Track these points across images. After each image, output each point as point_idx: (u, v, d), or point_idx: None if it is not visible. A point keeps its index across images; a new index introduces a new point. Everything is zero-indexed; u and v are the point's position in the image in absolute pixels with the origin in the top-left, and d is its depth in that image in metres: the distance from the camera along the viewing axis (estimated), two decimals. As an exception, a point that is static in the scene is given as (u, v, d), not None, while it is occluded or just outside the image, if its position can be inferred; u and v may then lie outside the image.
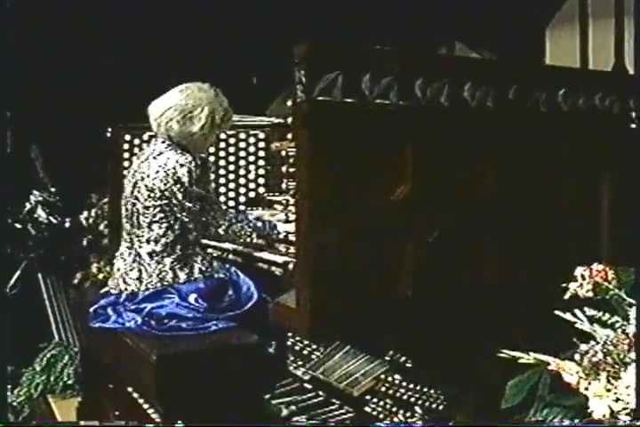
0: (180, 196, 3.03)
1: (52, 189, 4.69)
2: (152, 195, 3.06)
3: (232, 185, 4.07)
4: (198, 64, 5.00)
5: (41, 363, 4.24)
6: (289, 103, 2.53)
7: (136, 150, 4.12)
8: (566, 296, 2.21)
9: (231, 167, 4.03)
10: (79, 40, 4.83)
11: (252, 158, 4.04)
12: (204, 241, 3.59)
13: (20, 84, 4.34)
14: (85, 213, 4.73)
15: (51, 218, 4.62)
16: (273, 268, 3.22)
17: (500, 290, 2.62)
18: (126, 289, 3.14)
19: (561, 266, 2.43)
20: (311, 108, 2.31)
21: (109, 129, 4.17)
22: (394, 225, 2.47)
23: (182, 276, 3.10)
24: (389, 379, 3.37)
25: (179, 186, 3.02)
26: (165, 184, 3.03)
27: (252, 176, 4.05)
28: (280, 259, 3.16)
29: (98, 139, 4.50)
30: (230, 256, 3.56)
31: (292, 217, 2.61)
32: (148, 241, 3.12)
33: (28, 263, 4.61)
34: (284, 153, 2.61)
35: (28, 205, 4.64)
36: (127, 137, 4.13)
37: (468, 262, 2.60)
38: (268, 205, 3.93)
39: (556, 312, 2.29)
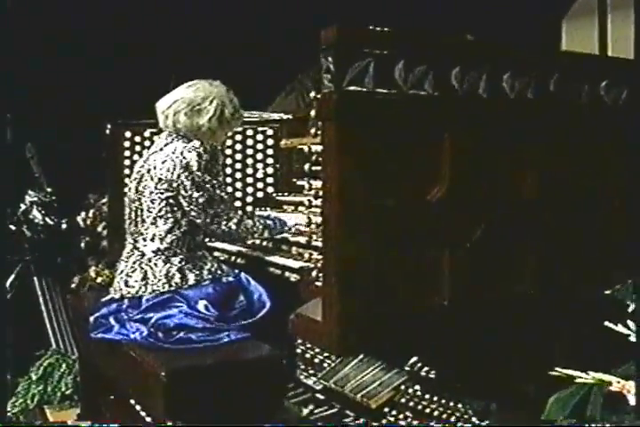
0: (188, 184, 2.77)
1: (48, 189, 4.39)
2: (158, 186, 2.82)
3: (239, 184, 3.78)
4: (197, 60, 4.76)
5: (37, 372, 3.93)
6: (311, 96, 2.27)
7: (137, 148, 3.84)
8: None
9: (238, 166, 3.74)
10: (76, 36, 4.54)
11: (259, 156, 3.76)
12: (210, 244, 3.33)
13: (16, 81, 4.08)
14: (83, 214, 4.44)
15: (47, 219, 4.33)
16: (287, 273, 2.96)
17: (542, 299, 2.35)
18: (129, 293, 2.86)
19: (606, 272, 2.17)
20: (341, 100, 2.04)
21: (108, 126, 3.89)
22: (429, 228, 2.20)
23: (191, 278, 2.82)
24: (409, 390, 3.11)
25: (187, 173, 2.77)
26: (173, 172, 2.79)
27: (259, 175, 3.77)
28: (296, 264, 2.89)
29: (96, 136, 4.24)
30: (239, 260, 3.30)
31: (317, 220, 2.32)
32: (152, 239, 2.86)
33: (22, 266, 4.31)
34: (306, 149, 2.33)
35: (22, 206, 4.34)
36: (127, 134, 3.85)
37: (507, 269, 2.33)
38: (278, 206, 3.66)
39: (607, 324, 2.04)
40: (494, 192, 2.28)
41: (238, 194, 3.77)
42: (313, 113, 2.27)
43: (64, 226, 4.32)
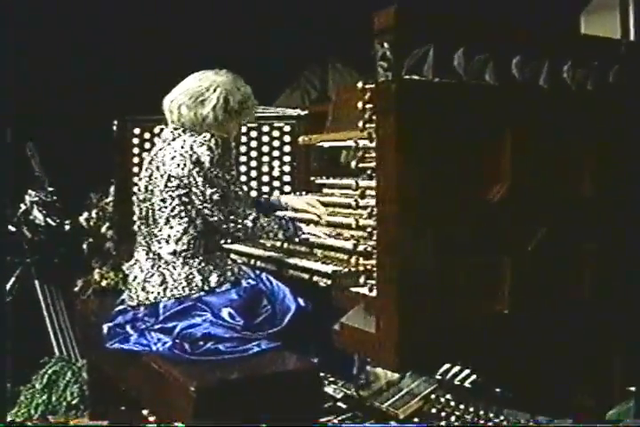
0: (200, 180, 2.56)
1: (50, 189, 4.12)
2: (169, 184, 2.60)
3: (254, 183, 3.55)
4: (201, 54, 4.53)
5: (41, 380, 3.67)
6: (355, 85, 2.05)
7: (147, 145, 3.60)
8: None
9: (253, 163, 3.50)
10: (78, 30, 4.27)
11: (276, 153, 3.52)
12: (228, 246, 3.09)
13: (16, 78, 3.83)
14: (85, 214, 4.17)
15: (48, 220, 4.06)
16: (315, 278, 2.74)
17: (605, 306, 2.15)
18: (147, 299, 2.62)
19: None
20: (401, 90, 1.82)
21: (115, 122, 3.64)
22: (489, 231, 1.98)
23: (213, 280, 2.60)
24: (441, 400, 2.90)
25: (198, 168, 2.56)
26: (183, 168, 2.57)
27: (276, 173, 3.53)
28: (327, 268, 2.66)
29: (100, 133, 3.99)
30: (259, 263, 3.07)
31: (367, 222, 2.10)
32: (167, 240, 2.63)
33: (23, 269, 4.04)
34: (352, 143, 2.10)
35: (22, 206, 4.07)
36: (136, 131, 3.60)
37: (568, 274, 2.12)
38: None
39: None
40: (555, 191, 2.07)
41: (253, 193, 3.53)
42: (360, 105, 2.03)
43: (67, 227, 4.04)
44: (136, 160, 3.60)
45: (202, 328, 2.46)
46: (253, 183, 3.55)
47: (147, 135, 3.59)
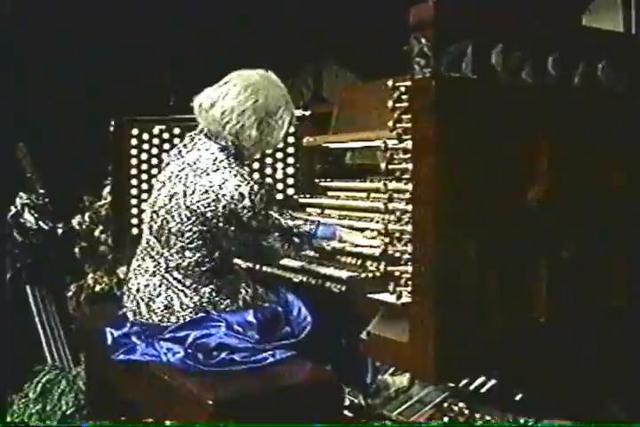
0: (232, 227, 2.36)
1: (41, 191, 3.96)
2: (193, 217, 2.35)
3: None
4: (197, 54, 4.41)
5: (35, 389, 3.51)
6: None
7: (145, 146, 3.46)
8: None
9: (255, 165, 3.37)
10: (73, 27, 4.11)
11: (279, 155, 3.40)
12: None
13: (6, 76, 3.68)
14: (78, 218, 4.02)
15: (40, 223, 3.90)
16: (328, 283, 2.62)
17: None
18: (150, 319, 2.47)
19: None
20: (440, 87, 1.71)
21: (112, 122, 3.49)
22: (527, 235, 1.88)
23: (223, 307, 2.45)
24: (454, 408, 2.79)
25: (233, 217, 2.33)
26: (215, 212, 2.33)
27: (279, 175, 3.40)
28: (342, 274, 2.55)
29: (94, 134, 3.85)
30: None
31: (395, 227, 1.98)
32: (177, 268, 2.43)
33: (14, 274, 3.88)
34: (380, 144, 1.99)
35: (13, 209, 3.90)
36: (134, 131, 3.45)
37: (605, 280, 2.02)
38: (300, 209, 3.30)
39: None
40: (593, 193, 1.97)
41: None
42: (390, 104, 1.92)
43: (60, 231, 3.89)
44: (134, 162, 3.45)
45: (216, 338, 2.33)
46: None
47: (145, 136, 3.44)
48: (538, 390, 2.12)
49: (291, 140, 3.37)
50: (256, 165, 3.38)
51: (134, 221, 3.48)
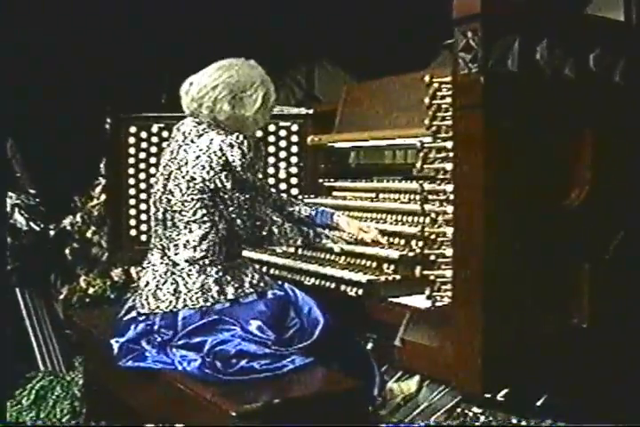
0: (229, 185, 2.32)
1: (32, 191, 3.80)
2: (192, 185, 2.33)
3: (259, 185, 3.30)
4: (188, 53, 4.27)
5: (28, 396, 3.35)
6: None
7: (143, 145, 3.32)
8: None
9: (258, 165, 3.25)
10: (60, 24, 3.95)
11: (282, 154, 3.28)
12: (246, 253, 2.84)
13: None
14: (70, 218, 3.87)
15: (31, 224, 3.74)
16: (343, 286, 2.53)
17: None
18: (158, 308, 2.35)
19: None
20: (489, 83, 1.61)
21: (108, 120, 3.35)
22: (568, 237, 1.79)
23: (230, 291, 2.35)
24: (468, 413, 2.69)
25: (227, 172, 2.31)
26: (210, 171, 2.31)
27: (282, 175, 3.29)
28: (360, 277, 2.45)
29: (86, 132, 3.71)
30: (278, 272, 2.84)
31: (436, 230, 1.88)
32: (185, 246, 2.36)
33: (3, 276, 3.71)
34: (418, 142, 1.88)
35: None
36: (132, 129, 3.32)
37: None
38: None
39: None
40: (632, 194, 1.89)
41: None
42: (427, 100, 1.82)
43: (52, 232, 3.73)
44: (132, 161, 3.31)
45: (234, 344, 2.20)
46: (258, 185, 3.29)
47: (143, 134, 3.31)
48: (572, 396, 2.03)
49: (294, 138, 3.26)
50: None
51: (132, 222, 3.35)
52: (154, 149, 3.31)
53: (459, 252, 1.69)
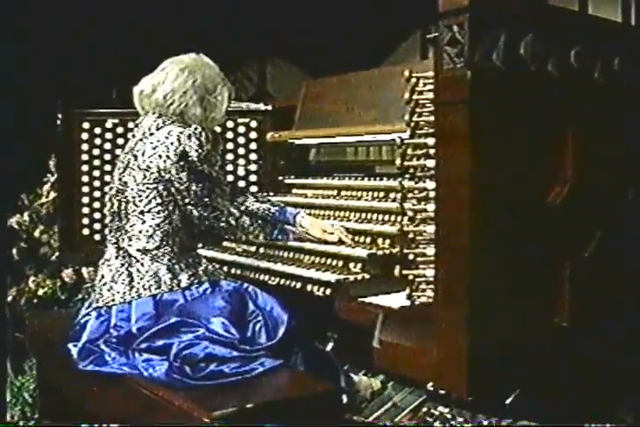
0: (184, 175, 2.27)
1: (-24, 189, 3.61)
2: (147, 175, 2.29)
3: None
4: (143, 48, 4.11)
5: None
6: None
7: (97, 141, 3.18)
8: None
9: (216, 162, 3.14)
10: (14, 17, 3.75)
11: (241, 151, 3.18)
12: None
13: None
14: (17, 217, 3.69)
15: (-25, 223, 3.56)
16: (310, 286, 2.45)
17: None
18: (113, 300, 2.26)
19: None
20: (476, 79, 1.55)
21: (60, 116, 3.19)
22: (548, 237, 1.75)
23: (184, 278, 2.29)
24: (434, 412, 2.64)
25: (183, 162, 2.26)
26: (166, 160, 2.27)
27: (241, 172, 3.19)
28: (329, 276, 2.37)
29: (34, 128, 3.54)
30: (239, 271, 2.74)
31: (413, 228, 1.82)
32: (138, 237, 2.31)
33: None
34: (397, 139, 1.82)
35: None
36: (85, 125, 3.17)
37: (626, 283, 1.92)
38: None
39: None
40: (612, 192, 1.87)
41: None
42: (407, 95, 1.75)
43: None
44: (85, 157, 3.17)
45: (201, 348, 2.10)
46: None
47: (97, 130, 3.16)
48: (548, 395, 2.00)
49: (253, 135, 3.17)
50: (217, 162, 3.15)
51: (85, 220, 3.20)
52: (108, 146, 3.18)
53: (442, 250, 1.63)
